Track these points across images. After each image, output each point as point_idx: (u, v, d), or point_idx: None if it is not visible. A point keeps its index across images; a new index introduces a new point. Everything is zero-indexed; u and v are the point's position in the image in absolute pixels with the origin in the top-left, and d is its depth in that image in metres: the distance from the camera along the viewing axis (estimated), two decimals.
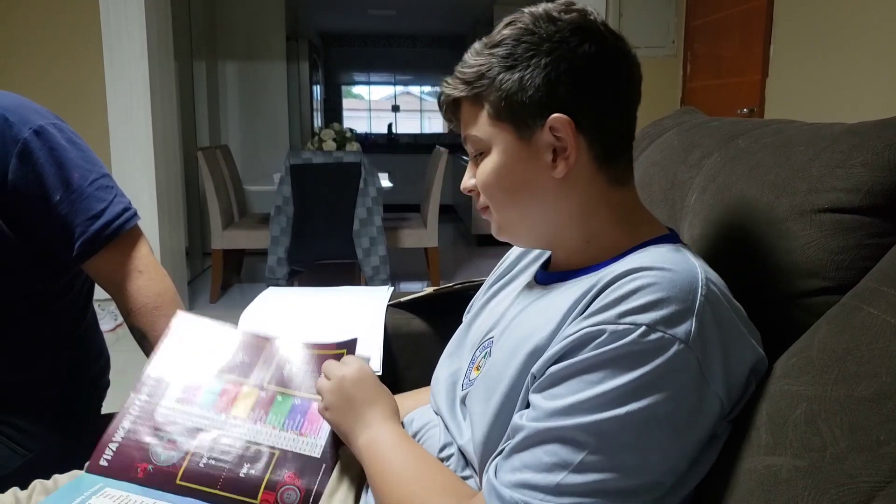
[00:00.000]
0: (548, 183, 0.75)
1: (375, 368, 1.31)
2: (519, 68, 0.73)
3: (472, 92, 0.76)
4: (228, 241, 4.12)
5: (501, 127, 0.75)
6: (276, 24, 5.87)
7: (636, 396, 0.62)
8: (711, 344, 0.64)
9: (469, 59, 0.77)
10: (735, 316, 0.68)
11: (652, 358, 0.62)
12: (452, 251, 5.89)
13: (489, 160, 0.77)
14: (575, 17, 0.73)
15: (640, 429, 0.62)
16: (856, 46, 2.52)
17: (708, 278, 0.67)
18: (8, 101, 1.03)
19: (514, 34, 0.74)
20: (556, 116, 0.72)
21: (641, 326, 0.62)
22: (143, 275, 1.11)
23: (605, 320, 0.64)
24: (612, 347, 0.63)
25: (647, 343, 0.62)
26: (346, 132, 4.40)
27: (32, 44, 3.51)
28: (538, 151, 0.74)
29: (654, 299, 0.63)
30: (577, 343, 0.65)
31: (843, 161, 0.74)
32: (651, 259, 0.68)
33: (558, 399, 0.65)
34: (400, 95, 10.08)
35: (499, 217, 0.80)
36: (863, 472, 0.52)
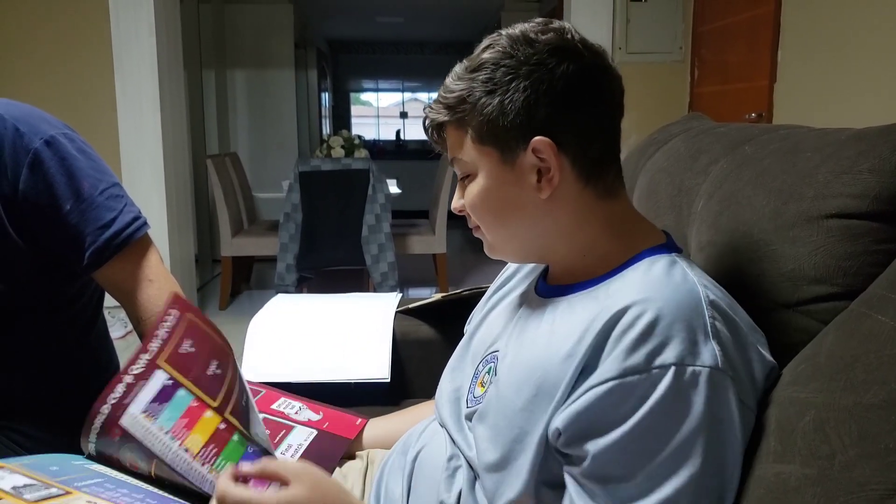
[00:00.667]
0: (534, 203, 0.75)
1: (384, 375, 1.32)
2: (499, 92, 0.73)
3: (455, 117, 0.77)
4: (238, 248, 4.13)
5: (485, 151, 0.76)
6: (284, 32, 5.89)
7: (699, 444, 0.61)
8: (735, 360, 0.64)
9: (451, 83, 0.77)
10: (743, 326, 0.69)
11: (694, 396, 0.62)
12: (461, 257, 5.89)
13: (475, 184, 0.78)
14: (552, 38, 0.74)
15: (715, 471, 0.62)
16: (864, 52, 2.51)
17: (709, 295, 0.67)
18: (19, 112, 1.04)
19: (492, 58, 0.74)
20: (537, 139, 0.72)
21: (671, 367, 0.62)
22: (154, 284, 1.12)
23: (633, 369, 0.63)
24: (653, 402, 0.62)
25: (684, 383, 0.62)
26: (355, 139, 4.42)
27: (43, 53, 3.53)
28: (522, 174, 0.75)
29: (670, 333, 0.63)
30: (610, 402, 0.64)
31: (849, 167, 0.73)
32: (651, 285, 0.68)
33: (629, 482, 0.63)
34: (408, 102, 10.10)
35: (490, 237, 0.81)
36: (872, 479, 0.52)
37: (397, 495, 0.87)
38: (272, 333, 1.42)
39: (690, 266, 0.72)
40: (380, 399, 1.32)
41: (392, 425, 1.07)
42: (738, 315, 0.69)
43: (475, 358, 0.90)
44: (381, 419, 1.10)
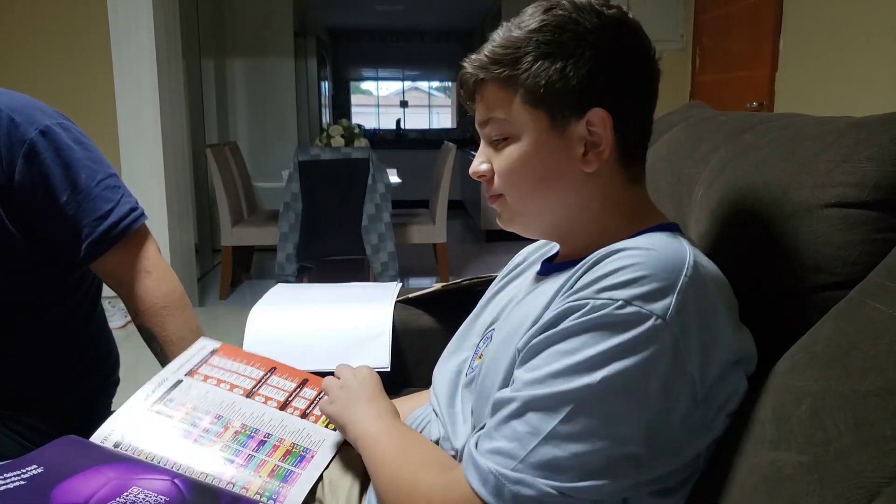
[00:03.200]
0: (575, 176, 0.75)
1: (384, 365, 1.32)
2: (562, 57, 0.71)
3: (505, 73, 0.73)
4: (238, 237, 4.13)
5: (535, 114, 0.73)
6: (283, 20, 5.87)
7: (607, 364, 0.62)
8: (690, 324, 0.63)
9: (501, 39, 0.74)
10: (722, 305, 0.68)
11: (626, 329, 0.62)
12: (461, 247, 5.89)
13: (517, 147, 0.75)
14: (617, 13, 0.73)
15: (610, 396, 0.63)
16: (866, 40, 2.50)
17: (697, 262, 0.67)
18: (14, 102, 1.04)
19: (556, 20, 0.72)
20: (596, 111, 0.72)
21: (618, 301, 0.63)
22: (151, 275, 1.12)
23: (586, 295, 0.65)
24: (588, 318, 0.64)
25: (623, 315, 0.62)
26: (355, 128, 4.40)
27: (40, 43, 3.52)
28: (570, 143, 0.73)
29: (635, 276, 0.63)
30: (557, 317, 0.67)
31: (849, 155, 0.73)
32: (639, 241, 0.69)
33: (535, 370, 0.66)
34: (408, 91, 10.07)
35: (515, 206, 0.79)
36: (868, 467, 0.52)
37: None
38: (272, 323, 1.42)
39: (692, 244, 0.72)
40: None
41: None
42: (722, 294, 0.69)
43: (477, 337, 0.92)
44: None
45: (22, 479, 0.78)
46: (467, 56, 0.77)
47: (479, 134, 0.80)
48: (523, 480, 0.63)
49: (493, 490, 0.65)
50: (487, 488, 0.65)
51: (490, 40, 0.75)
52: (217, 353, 1.05)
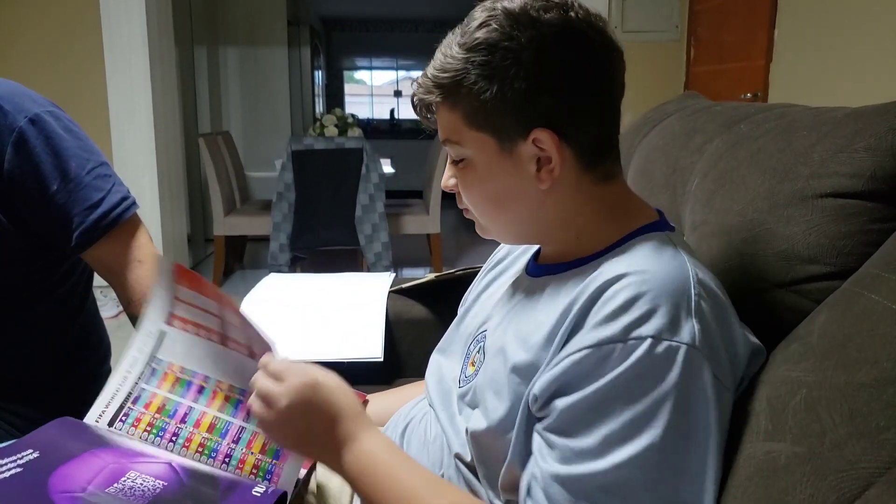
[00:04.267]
0: (532, 193, 0.72)
1: (377, 355, 1.31)
2: (497, 78, 0.68)
3: (449, 99, 0.71)
4: (230, 227, 4.11)
5: (480, 137, 0.71)
6: (277, 8, 5.83)
7: (662, 413, 0.60)
8: (715, 340, 0.63)
9: (443, 61, 0.71)
10: (730, 309, 0.68)
11: (665, 370, 0.60)
12: (455, 237, 5.88)
13: (470, 170, 0.74)
14: (555, 18, 0.68)
15: (678, 442, 0.61)
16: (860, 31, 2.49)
17: (697, 274, 0.66)
18: (3, 90, 1.02)
19: (490, 38, 0.68)
20: (539, 131, 0.69)
21: (647, 339, 0.61)
22: (143, 265, 1.11)
23: (609, 338, 0.62)
24: (624, 369, 0.61)
25: (658, 356, 0.61)
26: (348, 118, 4.39)
27: (31, 30, 3.49)
28: (521, 162, 0.71)
29: (652, 307, 0.62)
30: (585, 367, 0.63)
31: (845, 146, 0.73)
32: (641, 260, 0.66)
33: (586, 437, 0.62)
34: (402, 80, 10.03)
35: (484, 220, 0.78)
36: (862, 458, 0.52)
37: None
38: (265, 313, 1.41)
39: (682, 245, 0.71)
40: (373, 378, 1.31)
41: (388, 402, 1.07)
42: (725, 297, 0.69)
43: (466, 338, 0.90)
44: (377, 396, 1.10)
45: (18, 465, 0.77)
46: (415, 79, 0.76)
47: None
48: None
49: None
50: None
51: (433, 60, 0.73)
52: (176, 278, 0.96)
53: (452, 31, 0.73)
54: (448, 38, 0.73)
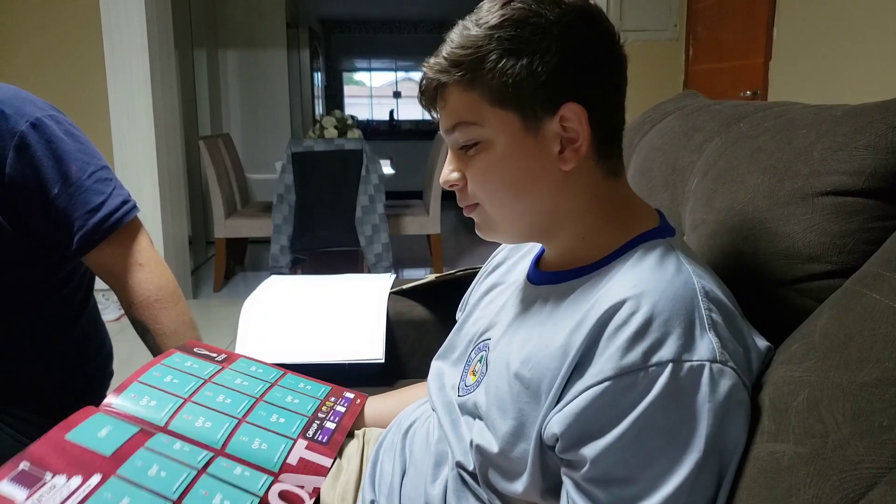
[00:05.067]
0: (553, 176, 0.70)
1: (378, 356, 1.31)
2: (526, 52, 0.66)
3: (466, 76, 0.68)
4: (231, 229, 4.11)
5: (504, 116, 0.69)
6: (276, 11, 5.83)
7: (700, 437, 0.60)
8: (731, 347, 0.63)
9: (460, 39, 0.69)
10: (738, 313, 0.68)
11: (694, 392, 0.60)
12: (455, 238, 5.88)
13: (490, 153, 0.70)
14: (577, 2, 0.69)
15: (715, 461, 0.60)
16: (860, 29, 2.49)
17: (703, 286, 0.65)
18: (4, 94, 1.02)
19: (517, 14, 0.67)
20: (569, 105, 0.67)
21: (667, 363, 0.60)
22: (144, 268, 1.11)
23: (629, 367, 0.60)
24: (652, 399, 0.60)
25: (683, 379, 0.60)
26: (348, 119, 4.38)
27: (32, 34, 3.49)
28: (545, 142, 0.69)
29: (666, 329, 0.61)
30: (606, 402, 0.61)
31: (845, 144, 0.73)
32: (645, 278, 0.65)
33: (632, 484, 0.61)
34: (401, 82, 10.03)
35: (494, 213, 0.74)
36: (865, 458, 0.52)
37: (390, 475, 0.87)
38: (266, 315, 1.41)
39: (684, 253, 0.70)
40: (374, 380, 1.31)
41: (389, 404, 1.07)
42: (732, 303, 0.68)
43: (467, 345, 0.89)
44: (378, 398, 1.09)
45: None
46: (426, 61, 0.73)
47: (447, 141, 0.74)
48: None
49: None
50: None
51: (447, 41, 0.71)
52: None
53: (462, 20, 0.72)
54: (460, 23, 0.72)
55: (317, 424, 0.92)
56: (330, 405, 0.99)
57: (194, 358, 1.02)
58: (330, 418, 0.95)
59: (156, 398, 0.89)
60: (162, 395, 0.89)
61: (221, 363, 1.03)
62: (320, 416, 0.95)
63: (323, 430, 0.91)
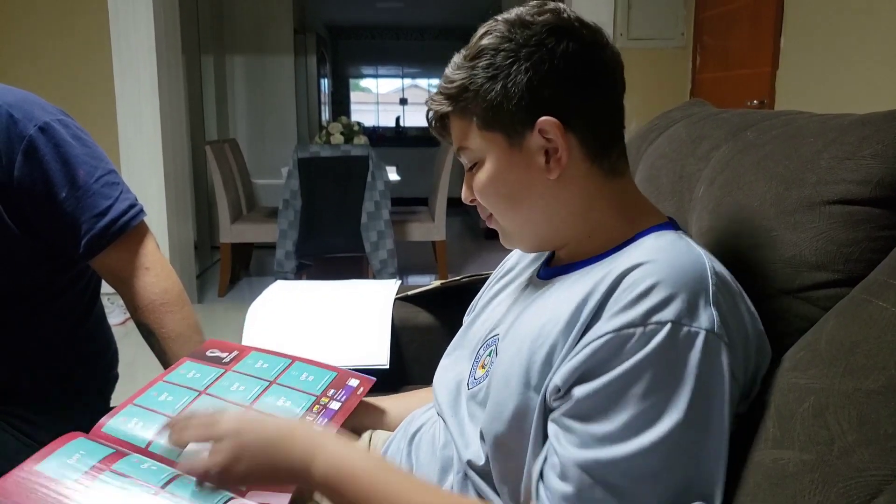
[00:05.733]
0: (544, 185, 0.75)
1: (383, 362, 1.31)
2: (501, 77, 0.73)
3: (458, 106, 0.77)
4: (237, 234, 4.13)
5: (491, 137, 0.76)
6: (283, 17, 5.86)
7: (681, 396, 0.61)
8: (731, 328, 0.65)
9: (451, 73, 0.77)
10: (744, 303, 0.69)
11: (686, 355, 0.62)
12: (460, 244, 5.88)
13: (483, 171, 0.78)
14: (549, 18, 0.74)
15: (695, 427, 0.61)
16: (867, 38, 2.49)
17: (713, 264, 0.68)
18: (13, 98, 1.03)
19: (491, 44, 0.74)
20: (543, 119, 0.73)
21: (667, 324, 0.62)
22: (150, 271, 1.11)
23: (629, 322, 0.63)
24: (645, 354, 0.62)
25: (679, 341, 0.62)
26: (354, 125, 4.40)
27: (40, 38, 3.52)
28: (530, 155, 0.75)
29: (671, 293, 0.63)
30: (605, 354, 0.64)
31: (852, 152, 0.73)
32: (657, 251, 0.68)
33: (607, 423, 0.63)
34: (408, 88, 10.06)
35: (503, 223, 0.81)
36: (870, 465, 0.52)
37: None
38: (271, 319, 1.42)
39: (696, 243, 0.73)
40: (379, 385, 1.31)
41: (393, 409, 1.07)
42: (739, 289, 0.70)
43: (476, 344, 0.90)
44: (384, 401, 1.09)
45: None
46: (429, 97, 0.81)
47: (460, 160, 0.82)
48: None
49: None
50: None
51: (443, 77, 0.79)
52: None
53: (457, 52, 0.79)
54: (454, 58, 0.79)
55: None
56: (325, 401, 0.98)
57: (200, 365, 1.02)
58: (318, 421, 0.94)
59: (143, 419, 0.89)
60: (150, 416, 0.90)
61: (227, 364, 1.03)
62: (308, 419, 0.95)
63: None
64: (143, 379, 0.97)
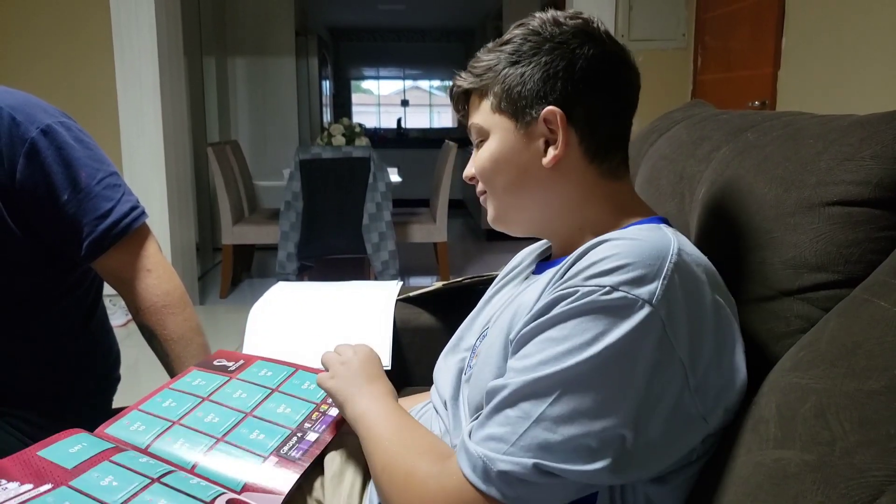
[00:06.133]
0: (540, 171, 0.80)
1: (384, 363, 1.32)
2: (522, 64, 0.80)
3: (480, 84, 0.83)
4: (238, 236, 4.13)
5: (501, 116, 0.82)
6: (285, 18, 5.87)
7: (594, 347, 0.63)
8: (677, 308, 0.64)
9: (481, 55, 0.84)
10: (709, 289, 0.68)
11: (613, 313, 0.64)
12: (461, 246, 5.89)
13: (487, 147, 0.83)
14: (579, 24, 0.80)
15: (599, 378, 0.63)
16: (869, 39, 2.49)
17: (682, 249, 0.68)
18: (15, 100, 1.03)
19: (521, 34, 0.81)
20: (548, 109, 0.78)
21: (605, 287, 0.64)
22: (152, 273, 1.12)
23: (574, 284, 0.67)
24: (576, 305, 0.65)
25: (610, 301, 0.64)
26: (356, 127, 4.40)
27: (43, 40, 3.52)
28: (532, 141, 0.80)
29: (621, 263, 0.65)
30: (546, 306, 0.68)
31: (852, 154, 0.73)
32: (625, 231, 0.73)
33: (526, 358, 0.68)
34: (409, 90, 10.07)
35: (496, 203, 0.85)
36: (872, 466, 0.52)
37: None
38: (273, 321, 1.42)
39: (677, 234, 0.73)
40: None
41: None
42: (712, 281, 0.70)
43: (474, 337, 0.93)
44: None
45: None
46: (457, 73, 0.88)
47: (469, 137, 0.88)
48: (511, 462, 0.64)
49: (482, 475, 0.66)
50: (477, 473, 0.66)
51: (475, 56, 0.85)
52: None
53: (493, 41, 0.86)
54: (488, 44, 0.86)
55: (297, 437, 0.92)
56: (325, 408, 0.99)
57: (206, 373, 1.04)
58: (316, 427, 0.95)
59: (146, 423, 0.92)
60: (153, 421, 0.93)
61: (233, 372, 1.05)
62: (307, 425, 0.95)
63: (302, 442, 0.92)
64: (145, 380, 0.97)
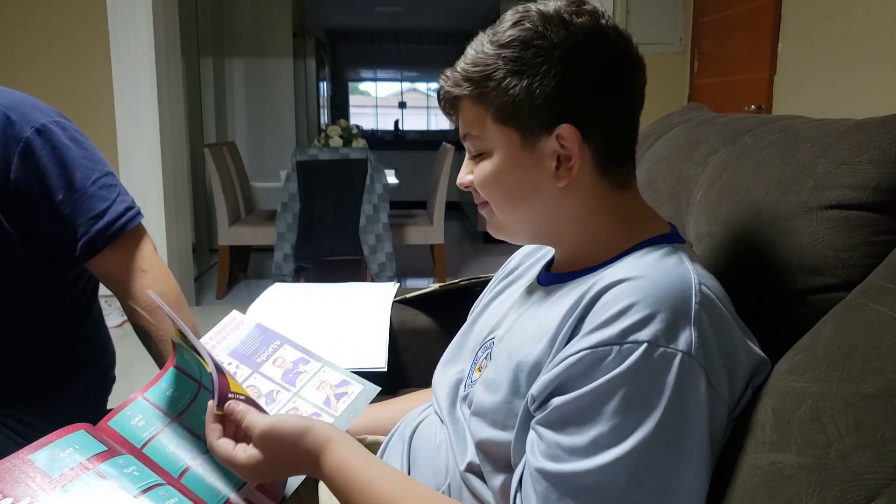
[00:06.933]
0: (549, 190, 0.74)
1: (381, 365, 1.31)
2: (528, 74, 0.70)
3: (476, 91, 0.73)
4: (235, 237, 4.12)
5: (505, 131, 0.73)
6: (282, 20, 5.87)
7: (652, 417, 0.61)
8: (713, 350, 0.63)
9: (474, 56, 0.73)
10: (732, 319, 0.68)
11: (660, 376, 0.61)
12: (458, 248, 5.89)
13: (489, 162, 0.75)
14: (587, 22, 0.71)
15: (665, 445, 0.61)
16: (864, 43, 2.50)
17: (702, 283, 0.66)
18: (10, 99, 1.03)
19: (523, 36, 0.71)
20: (564, 127, 0.71)
21: (643, 344, 0.61)
22: (147, 274, 1.11)
23: (606, 340, 0.63)
24: (619, 372, 0.61)
25: (653, 362, 0.61)
26: (353, 129, 4.40)
27: (39, 39, 3.52)
28: (542, 159, 0.73)
29: (650, 312, 0.62)
30: (580, 368, 0.64)
31: (849, 158, 0.73)
32: (643, 267, 0.67)
33: (576, 436, 0.63)
34: (406, 92, 10.07)
35: (499, 216, 0.79)
36: (868, 469, 0.52)
37: None
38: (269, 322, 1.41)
39: (689, 256, 0.71)
40: None
41: (391, 412, 1.07)
42: (728, 308, 0.69)
43: (475, 345, 0.90)
44: (381, 405, 1.09)
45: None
46: (443, 72, 0.77)
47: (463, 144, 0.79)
48: None
49: None
50: None
51: (464, 55, 0.75)
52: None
53: (483, 31, 0.75)
54: (479, 36, 0.75)
55: None
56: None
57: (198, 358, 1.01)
58: None
59: (147, 417, 0.88)
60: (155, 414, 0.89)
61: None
62: None
63: None
64: (140, 381, 0.96)
